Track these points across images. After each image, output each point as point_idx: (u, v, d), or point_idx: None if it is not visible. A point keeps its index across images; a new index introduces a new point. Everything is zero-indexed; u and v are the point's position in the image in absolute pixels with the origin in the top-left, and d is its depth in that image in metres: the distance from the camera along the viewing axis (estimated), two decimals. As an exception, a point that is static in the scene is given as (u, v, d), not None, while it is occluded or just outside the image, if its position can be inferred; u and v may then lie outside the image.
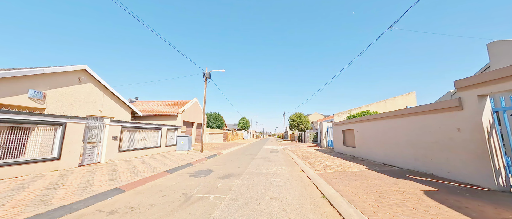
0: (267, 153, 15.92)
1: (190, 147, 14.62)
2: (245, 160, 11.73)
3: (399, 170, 7.21)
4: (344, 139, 13.54)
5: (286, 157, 13.52)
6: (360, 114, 14.23)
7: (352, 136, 12.24)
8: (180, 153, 13.70)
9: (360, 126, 11.02)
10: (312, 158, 11.76)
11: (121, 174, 6.85)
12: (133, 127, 11.14)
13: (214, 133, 27.41)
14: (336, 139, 14.86)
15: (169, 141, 14.98)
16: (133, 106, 15.39)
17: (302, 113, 41.47)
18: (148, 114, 17.67)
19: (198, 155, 13.10)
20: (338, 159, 10.87)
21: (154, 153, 12.83)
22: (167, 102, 21.41)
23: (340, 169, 7.99)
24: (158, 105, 20.06)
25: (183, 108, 18.28)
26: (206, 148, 18.41)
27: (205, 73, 15.63)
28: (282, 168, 8.92)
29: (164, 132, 14.17)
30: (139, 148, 11.49)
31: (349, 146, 12.59)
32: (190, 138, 14.69)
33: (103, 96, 12.72)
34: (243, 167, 9.30)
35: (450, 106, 5.43)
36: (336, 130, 15.02)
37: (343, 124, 13.49)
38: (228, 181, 6.51)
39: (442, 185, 5.16)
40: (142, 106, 19.92)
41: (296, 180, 6.78)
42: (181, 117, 17.89)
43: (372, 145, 9.67)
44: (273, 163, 10.66)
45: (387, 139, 8.42)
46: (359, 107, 18.93)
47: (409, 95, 19.51)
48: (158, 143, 13.55)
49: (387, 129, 8.42)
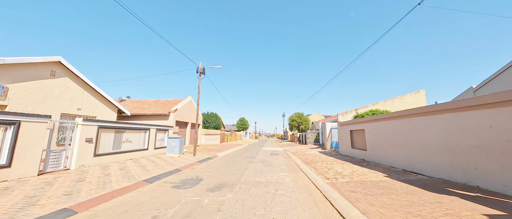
0: (267, 156, 14.60)
1: (181, 149, 13.25)
2: (242, 164, 10.39)
3: (429, 180, 5.90)
4: (352, 141, 12.24)
5: (288, 160, 12.20)
6: (368, 113, 12.95)
7: (361, 137, 10.95)
8: (170, 156, 12.34)
9: (372, 126, 9.72)
10: (317, 162, 10.45)
11: (85, 186, 5.49)
12: (114, 127, 9.77)
13: (210, 134, 26.03)
14: (343, 141, 13.56)
15: (159, 143, 13.61)
16: (119, 105, 14.00)
17: (303, 113, 40.15)
18: (137, 113, 16.27)
19: (190, 159, 11.75)
20: (347, 163, 9.56)
21: (140, 156, 11.45)
22: (159, 101, 20.02)
23: (354, 177, 6.67)
24: (149, 104, 18.68)
25: (176, 107, 16.89)
26: (201, 150, 17.05)
27: (199, 69, 14.30)
28: (284, 175, 7.60)
29: (152, 133, 12.80)
30: (122, 151, 10.11)
31: (358, 148, 11.29)
32: (182, 139, 13.33)
33: (82, 93, 11.34)
34: (239, 173, 7.97)
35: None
36: (342, 130, 13.73)
37: (351, 123, 12.20)
38: (219, 194, 5.17)
39: (505, 204, 3.85)
40: (131, 105, 18.53)
41: (303, 192, 5.46)
42: (173, 117, 16.51)
43: (388, 147, 8.37)
44: (273, 168, 9.33)
45: (409, 141, 7.12)
46: (365, 107, 17.67)
47: (418, 93, 18.30)
48: (146, 145, 12.18)
49: (409, 129, 7.12)
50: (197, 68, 14.31)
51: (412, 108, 7.01)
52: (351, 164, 9.24)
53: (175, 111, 16.95)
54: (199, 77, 14.29)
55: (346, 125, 13.04)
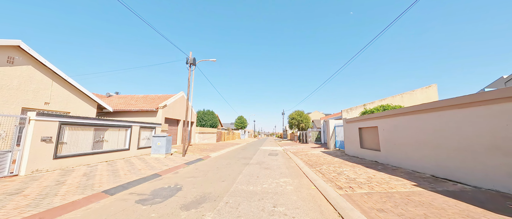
0: (265, 156, 13.17)
1: (169, 149, 11.79)
2: (235, 166, 8.95)
3: (480, 192, 4.46)
4: (361, 139, 10.81)
5: (288, 161, 10.78)
6: (379, 108, 11.52)
7: (374, 136, 9.52)
8: (154, 158, 10.87)
9: (389, 123, 8.28)
10: (323, 164, 9.02)
11: (12, 203, 4.02)
12: (84, 124, 8.28)
13: (206, 132, 24.54)
14: (349, 139, 12.13)
15: (143, 142, 12.14)
16: (99, 100, 12.50)
17: (303, 111, 38.71)
18: (121, 109, 14.76)
19: (177, 160, 10.30)
20: (358, 166, 8.13)
21: (119, 157, 9.98)
22: (148, 96, 18.50)
23: (374, 186, 5.24)
24: (136, 100, 17.18)
25: (165, 103, 15.38)
26: (193, 150, 15.59)
27: (189, 59, 12.80)
28: (285, 182, 6.16)
29: (135, 131, 11.33)
30: (95, 152, 8.64)
31: (369, 148, 9.87)
32: (169, 138, 11.86)
33: (51, 85, 9.83)
34: (229, 179, 6.52)
35: None
36: (349, 128, 12.30)
37: (360, 120, 10.76)
38: (195, 214, 3.73)
39: None
40: (117, 101, 17.01)
41: (311, 209, 4.04)
42: (161, 113, 15.00)
43: (411, 148, 6.94)
44: (271, 171, 7.90)
45: (442, 141, 5.69)
46: (372, 102, 16.26)
47: (430, 88, 16.91)
48: (126, 144, 10.70)
49: (443, 125, 5.68)
50: (187, 58, 12.81)
51: (446, 99, 5.56)
52: (363, 167, 7.81)
53: (164, 107, 15.43)
54: (189, 69, 12.80)
55: (353, 122, 11.61)
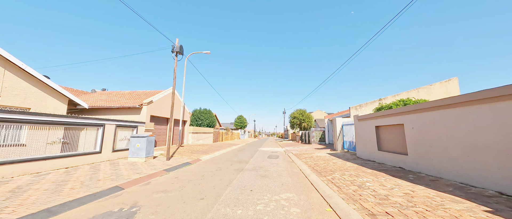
0: (263, 159, 11.39)
1: (150, 151, 10.03)
2: (226, 174, 7.17)
3: None
4: (378, 140, 8.99)
5: (290, 166, 8.98)
6: (398, 103, 9.69)
7: (397, 136, 7.70)
8: (131, 162, 9.12)
9: (421, 119, 6.46)
10: (334, 170, 7.22)
11: None
12: (28, 121, 6.53)
13: (200, 132, 22.74)
14: (362, 140, 10.31)
15: (121, 144, 10.39)
16: (70, 94, 10.75)
17: (305, 110, 36.82)
18: (99, 106, 12.98)
19: (157, 165, 8.54)
20: (382, 174, 6.31)
21: (86, 162, 8.24)
22: (134, 92, 16.77)
23: (425, 212, 3.42)
24: (120, 96, 15.44)
25: (151, 99, 13.59)
26: (184, 151, 13.81)
27: (175, 47, 11.02)
28: (287, 199, 4.37)
29: (109, 130, 9.57)
30: (49, 157, 6.89)
31: (391, 151, 8.05)
32: (152, 139, 10.09)
33: (3, 75, 8.10)
34: (212, 196, 4.75)
35: None
36: (361, 127, 10.48)
37: (378, 117, 8.94)
38: None
39: None
40: (99, 98, 15.28)
41: None
42: (146, 111, 13.21)
43: (458, 152, 5.13)
44: (270, 181, 6.11)
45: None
46: (384, 98, 14.41)
47: (450, 82, 15.05)
48: (97, 146, 8.95)
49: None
50: (173, 46, 11.03)
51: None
52: (389, 177, 5.99)
53: (150, 104, 13.63)
54: (175, 59, 11.02)
55: (368, 119, 9.78)
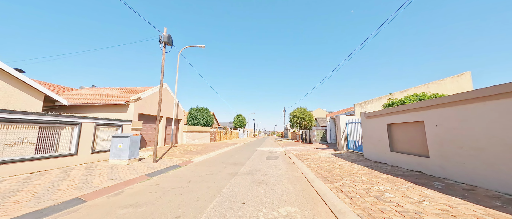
0: (261, 160, 10.35)
1: (135, 153, 8.98)
2: (216, 179, 6.12)
3: None
4: (391, 140, 7.94)
5: (291, 169, 7.94)
6: (412, 98, 8.64)
7: (415, 135, 6.65)
8: (111, 165, 8.08)
9: (448, 115, 5.41)
10: (342, 175, 6.18)
11: None
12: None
13: (196, 131, 21.66)
14: (371, 140, 9.27)
15: (102, 145, 9.35)
16: (46, 90, 9.67)
17: (305, 108, 35.77)
18: (82, 103, 11.90)
19: (140, 169, 7.49)
20: (401, 181, 5.26)
21: (58, 166, 7.20)
22: (124, 89, 15.67)
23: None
24: (108, 93, 14.36)
25: (139, 95, 12.51)
26: (175, 152, 12.76)
27: (163, 37, 9.95)
28: (288, 215, 3.33)
29: (88, 129, 8.53)
30: (5, 161, 5.84)
31: (407, 152, 7.01)
32: (136, 139, 9.05)
33: (-41, 65, 7.03)
34: (190, 214, 3.70)
35: None
36: (369, 125, 9.44)
37: (391, 113, 7.88)
38: None
39: None
40: (84, 94, 14.19)
41: None
42: (133, 108, 12.13)
43: (503, 156, 4.08)
44: (268, 188, 5.07)
45: None
46: (394, 94, 13.36)
47: (462, 76, 13.99)
48: (72, 147, 7.91)
49: None
50: (160, 36, 9.95)
51: None
52: (412, 185, 4.94)
53: (138, 101, 12.53)
54: (163, 50, 9.95)
55: (378, 116, 8.74)
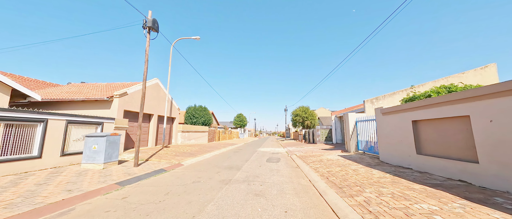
0: (261, 163, 9.02)
1: (114, 155, 7.69)
2: (202, 190, 4.79)
3: None
4: (417, 140, 6.56)
5: (295, 174, 6.58)
6: (440, 90, 7.24)
7: (455, 134, 5.27)
8: (85, 169, 6.80)
9: (509, 106, 4.03)
10: (362, 185, 4.81)
11: None
12: None
13: (192, 131, 20.36)
14: (390, 140, 7.90)
15: (76, 146, 8.08)
16: (14, 83, 8.41)
17: (308, 107, 34.36)
18: (58, 98, 10.61)
19: (114, 175, 6.19)
20: (446, 194, 3.89)
21: (12, 172, 5.93)
22: (112, 84, 14.42)
23: None
24: (93, 88, 13.10)
25: (125, 90, 11.21)
26: (165, 154, 11.46)
27: (148, 21, 8.65)
28: None
29: (56, 128, 7.26)
30: None
31: (442, 155, 5.63)
32: (115, 139, 7.76)
33: None
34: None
35: None
36: (387, 122, 8.07)
37: (418, 107, 6.50)
38: None
39: None
40: (68, 90, 12.96)
41: None
42: (118, 104, 10.82)
43: None
44: (266, 204, 3.72)
45: None
46: (411, 88, 11.97)
47: (487, 68, 12.56)
48: (34, 149, 6.64)
49: None
50: (144, 20, 8.65)
51: None
52: (468, 202, 3.57)
53: (123, 96, 11.22)
54: (148, 37, 8.65)
55: (399, 111, 7.36)
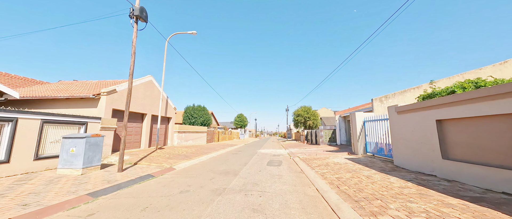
0: (261, 167, 8.12)
1: (95, 159, 6.83)
2: (187, 206, 3.90)
3: None
4: (443, 143, 5.64)
5: (300, 181, 5.67)
6: (466, 85, 6.31)
7: (496, 136, 4.35)
8: (60, 175, 5.95)
9: None
10: (384, 198, 3.89)
11: None
12: None
13: (190, 131, 19.48)
14: (407, 142, 6.98)
15: (55, 148, 7.23)
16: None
17: (310, 107, 33.39)
18: (39, 96, 9.73)
19: (91, 183, 5.33)
20: (495, 213, 2.98)
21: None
22: (101, 82, 13.58)
23: None
24: (80, 86, 12.26)
25: (114, 87, 10.31)
26: (160, 156, 10.59)
27: (135, 9, 7.79)
28: None
29: (28, 128, 6.41)
30: None
31: (477, 162, 4.71)
32: (97, 141, 6.89)
33: None
34: None
35: None
36: (403, 122, 7.16)
37: (446, 104, 5.59)
38: None
39: None
40: (55, 88, 12.13)
41: None
42: (106, 102, 9.91)
43: None
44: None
45: None
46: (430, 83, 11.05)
47: (506, 64, 11.60)
48: (1, 153, 5.79)
49: None
50: (131, 9, 7.80)
51: None
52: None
53: (112, 93, 10.33)
54: (135, 26, 7.79)
55: (420, 109, 6.45)
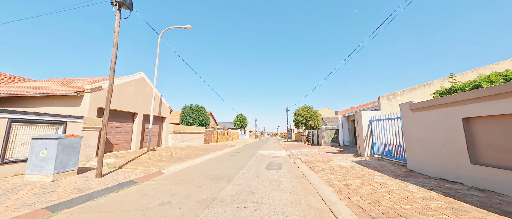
0: (259, 171, 7.29)
1: (70, 163, 6.01)
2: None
3: None
4: (471, 145, 4.79)
5: (302, 188, 4.82)
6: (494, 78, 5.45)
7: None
8: (28, 182, 5.12)
9: None
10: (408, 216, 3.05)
11: None
12: None
13: (186, 132, 18.64)
14: (424, 143, 6.13)
15: (23, 151, 6.41)
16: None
17: (311, 106, 32.54)
18: (16, 94, 8.85)
19: (59, 190, 4.51)
20: None
21: None
22: (89, 79, 12.79)
23: None
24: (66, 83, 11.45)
25: (100, 84, 9.48)
26: (150, 158, 9.76)
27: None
28: None
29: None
30: None
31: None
32: (72, 142, 6.08)
33: None
34: None
35: None
36: (419, 121, 6.31)
37: (476, 99, 4.74)
38: None
39: None
40: (38, 86, 11.31)
41: None
42: (90, 100, 9.02)
43: None
44: None
45: None
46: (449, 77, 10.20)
47: (525, 58, 10.71)
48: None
49: None
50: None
51: None
52: None
53: (97, 90, 9.46)
54: (118, 14, 6.98)
55: (441, 106, 5.60)
